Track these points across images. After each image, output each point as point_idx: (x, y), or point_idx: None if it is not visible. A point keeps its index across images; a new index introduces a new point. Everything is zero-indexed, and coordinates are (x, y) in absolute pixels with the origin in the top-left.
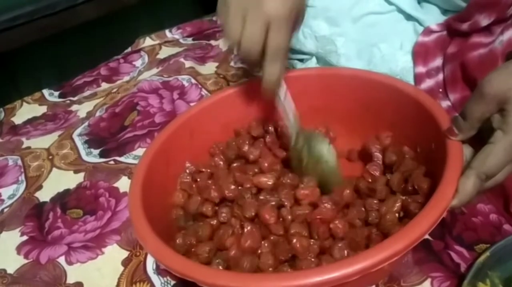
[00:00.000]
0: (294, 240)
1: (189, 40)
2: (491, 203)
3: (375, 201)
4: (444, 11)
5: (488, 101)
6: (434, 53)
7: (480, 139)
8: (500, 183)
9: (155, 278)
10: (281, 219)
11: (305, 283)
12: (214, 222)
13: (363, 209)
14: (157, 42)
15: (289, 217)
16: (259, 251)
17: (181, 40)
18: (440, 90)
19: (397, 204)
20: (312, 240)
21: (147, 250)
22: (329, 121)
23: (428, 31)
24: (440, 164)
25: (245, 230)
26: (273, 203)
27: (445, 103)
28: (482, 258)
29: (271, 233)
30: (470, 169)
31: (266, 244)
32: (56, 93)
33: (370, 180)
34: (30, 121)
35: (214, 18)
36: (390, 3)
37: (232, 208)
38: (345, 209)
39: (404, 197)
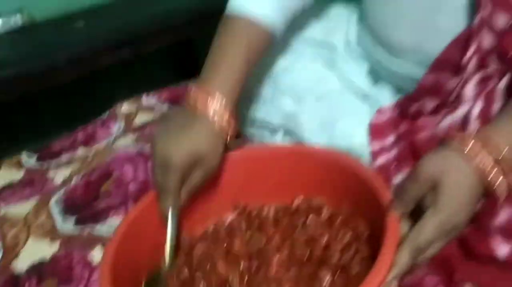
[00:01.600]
0: None
1: (166, 106)
2: (436, 274)
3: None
4: (398, 90)
5: (422, 182)
6: (388, 131)
7: (419, 210)
8: (431, 258)
9: None
10: None
11: None
12: None
13: None
14: (134, 107)
15: None
16: None
17: (157, 106)
18: (393, 167)
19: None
20: None
21: None
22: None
23: (382, 111)
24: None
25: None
26: None
27: (397, 179)
28: None
29: None
30: (404, 243)
31: None
32: (34, 157)
33: None
34: (8, 187)
35: (189, 84)
36: (349, 82)
37: None
38: None
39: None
